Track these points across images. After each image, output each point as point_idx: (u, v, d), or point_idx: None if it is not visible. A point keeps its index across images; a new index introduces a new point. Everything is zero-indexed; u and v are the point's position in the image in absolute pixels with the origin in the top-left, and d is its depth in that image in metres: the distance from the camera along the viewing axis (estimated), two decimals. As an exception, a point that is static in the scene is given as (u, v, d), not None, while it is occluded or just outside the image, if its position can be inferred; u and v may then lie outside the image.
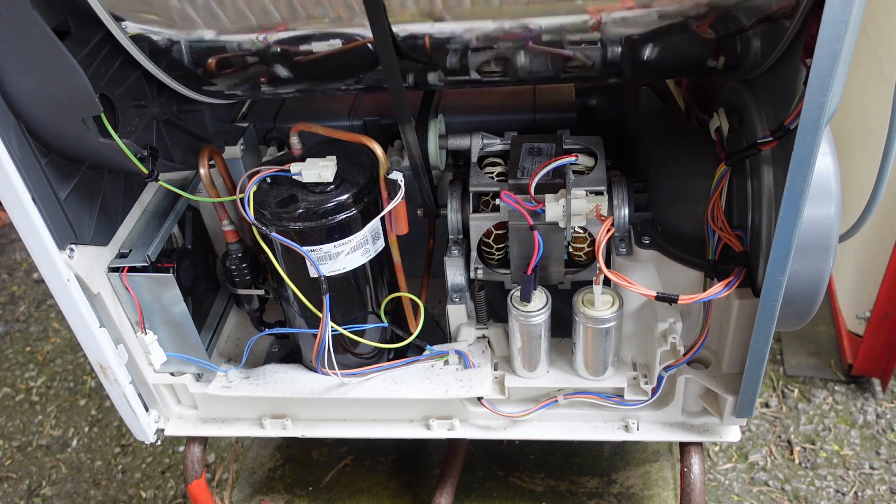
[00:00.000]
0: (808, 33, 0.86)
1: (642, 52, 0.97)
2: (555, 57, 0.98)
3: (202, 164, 1.18)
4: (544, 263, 1.20)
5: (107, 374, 1.21)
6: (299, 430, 1.33)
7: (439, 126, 1.29)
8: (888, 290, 1.62)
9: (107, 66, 1.01)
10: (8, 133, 0.95)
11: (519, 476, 1.64)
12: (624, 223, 1.16)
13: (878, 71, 1.60)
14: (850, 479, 1.64)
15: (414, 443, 1.69)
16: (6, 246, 2.63)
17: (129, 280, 1.17)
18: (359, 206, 1.12)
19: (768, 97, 1.01)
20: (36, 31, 0.89)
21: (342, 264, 1.15)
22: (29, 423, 1.98)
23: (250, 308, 1.36)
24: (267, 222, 1.11)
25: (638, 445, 1.67)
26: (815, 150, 0.84)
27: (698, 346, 1.15)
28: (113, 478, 1.82)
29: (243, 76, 1.06)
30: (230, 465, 1.76)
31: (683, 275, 1.13)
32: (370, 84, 1.09)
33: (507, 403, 1.27)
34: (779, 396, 1.82)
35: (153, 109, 1.12)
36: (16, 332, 2.28)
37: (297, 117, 1.42)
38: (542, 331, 1.17)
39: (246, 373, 1.30)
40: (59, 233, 1.04)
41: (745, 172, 1.06)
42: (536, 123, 1.37)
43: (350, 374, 1.25)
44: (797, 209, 0.89)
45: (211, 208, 1.34)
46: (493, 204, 1.19)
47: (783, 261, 0.94)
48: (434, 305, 1.47)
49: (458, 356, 1.25)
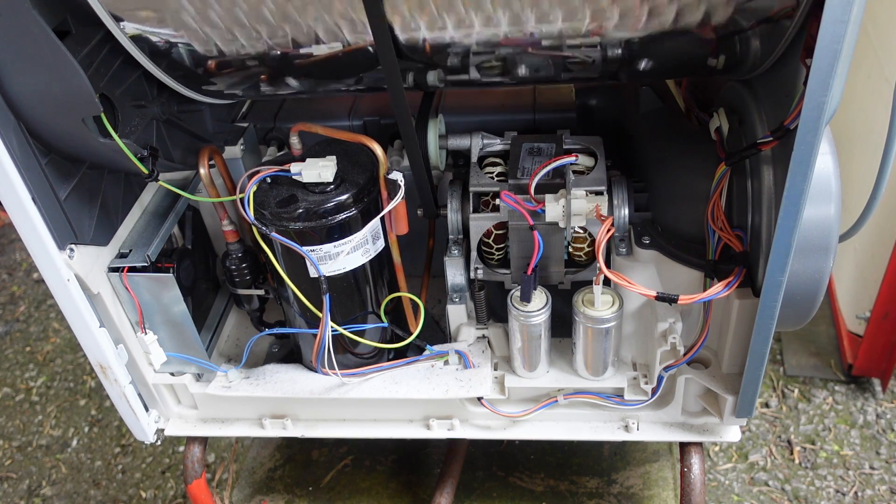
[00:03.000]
0: (808, 33, 0.86)
1: (643, 54, 0.97)
2: (555, 59, 0.98)
3: (202, 164, 1.18)
4: (544, 263, 1.20)
5: (107, 374, 1.21)
6: (299, 430, 1.33)
7: (439, 126, 1.29)
8: (888, 290, 1.62)
9: (107, 66, 1.01)
10: (8, 133, 0.95)
11: (519, 476, 1.64)
12: (624, 223, 1.16)
13: (878, 71, 1.60)
14: (850, 479, 1.64)
15: (414, 443, 1.69)
16: (6, 246, 2.63)
17: (129, 280, 1.17)
18: (359, 206, 1.12)
19: (768, 97, 1.01)
20: (36, 31, 0.89)
21: (342, 264, 1.15)
22: (29, 423, 1.98)
23: (250, 308, 1.36)
24: (267, 222, 1.11)
25: (638, 445, 1.67)
26: (815, 150, 0.84)
27: (698, 346, 1.15)
28: (113, 478, 1.81)
29: (243, 76, 1.06)
30: (230, 465, 1.76)
31: (683, 275, 1.13)
32: (370, 85, 1.09)
33: (507, 403, 1.27)
34: (779, 396, 1.82)
35: (153, 109, 1.12)
36: (16, 332, 2.28)
37: (297, 117, 1.42)
38: (542, 331, 1.17)
39: (246, 373, 1.30)
40: (59, 233, 1.04)
41: (745, 172, 1.06)
42: (536, 123, 1.37)
43: (350, 374, 1.25)
44: (797, 209, 0.89)
45: (211, 208, 1.34)
46: (493, 204, 1.19)
47: (783, 261, 0.94)
48: (434, 305, 1.47)
49: (458, 356, 1.25)
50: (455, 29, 0.92)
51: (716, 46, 0.95)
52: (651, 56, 0.96)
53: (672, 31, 0.91)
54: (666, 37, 0.92)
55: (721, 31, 0.92)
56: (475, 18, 0.90)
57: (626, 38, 0.93)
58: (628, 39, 0.93)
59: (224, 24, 0.93)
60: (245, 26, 0.93)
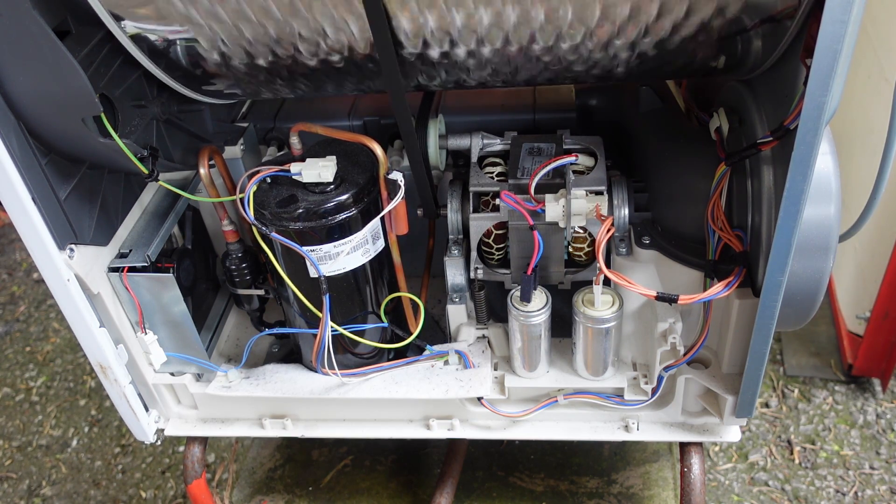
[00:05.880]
0: (808, 33, 0.86)
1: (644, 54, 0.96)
2: (556, 60, 0.98)
3: (202, 164, 1.18)
4: (544, 263, 1.20)
5: (107, 374, 1.21)
6: (299, 430, 1.33)
7: (439, 126, 1.29)
8: (888, 290, 1.62)
9: (107, 66, 1.01)
10: (8, 133, 0.95)
11: (519, 476, 1.64)
12: (624, 223, 1.16)
13: (878, 71, 1.60)
14: (850, 479, 1.64)
15: (414, 443, 1.69)
16: (6, 246, 2.63)
17: (129, 280, 1.17)
18: (359, 206, 1.12)
19: (768, 97, 1.01)
20: (36, 31, 0.89)
21: (342, 264, 1.15)
22: (29, 423, 1.98)
23: (250, 308, 1.36)
24: (267, 222, 1.11)
25: (638, 445, 1.67)
26: (815, 150, 0.84)
27: (698, 346, 1.15)
28: (113, 478, 1.81)
29: (243, 77, 1.06)
30: (230, 465, 1.76)
31: (683, 275, 1.13)
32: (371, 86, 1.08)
33: (507, 403, 1.27)
34: (779, 396, 1.82)
35: (153, 109, 1.12)
36: (16, 332, 2.28)
37: (297, 117, 1.42)
38: (542, 331, 1.17)
39: (246, 373, 1.30)
40: (59, 233, 1.04)
41: (745, 172, 1.06)
42: (536, 123, 1.37)
43: (350, 374, 1.25)
44: (797, 209, 0.89)
45: (211, 208, 1.34)
46: (493, 204, 1.19)
47: (783, 261, 0.94)
48: (434, 305, 1.47)
49: (458, 356, 1.25)
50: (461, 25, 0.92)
51: (716, 46, 0.95)
52: (654, 56, 0.96)
53: (675, 30, 0.91)
54: (669, 37, 0.92)
55: (722, 32, 0.92)
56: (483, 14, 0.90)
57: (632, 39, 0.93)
58: (633, 40, 0.93)
59: (230, 20, 0.93)
60: (251, 21, 0.93)
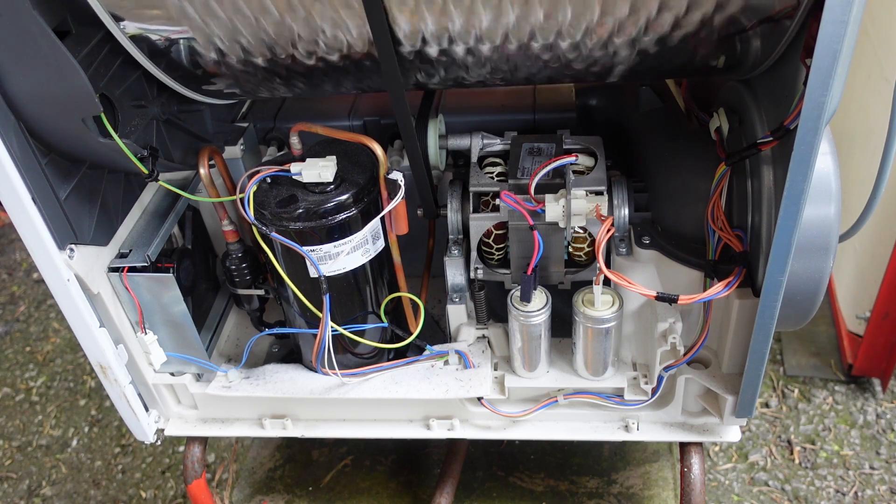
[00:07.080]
0: (808, 33, 0.86)
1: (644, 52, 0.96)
2: (555, 58, 0.98)
3: (202, 164, 1.18)
4: (544, 263, 1.20)
5: (107, 374, 1.21)
6: (299, 430, 1.33)
7: (439, 126, 1.29)
8: (888, 290, 1.62)
9: (107, 66, 1.01)
10: (8, 133, 0.95)
11: (519, 476, 1.64)
12: (624, 223, 1.16)
13: (878, 71, 1.60)
14: (850, 479, 1.64)
15: (414, 443, 1.69)
16: (6, 246, 2.63)
17: (129, 280, 1.17)
18: (359, 206, 1.12)
19: (768, 97, 1.01)
20: (36, 31, 0.89)
21: (342, 264, 1.15)
22: (29, 423, 1.98)
23: (250, 308, 1.36)
24: (267, 222, 1.11)
25: (638, 445, 1.67)
26: (815, 150, 0.84)
27: (698, 346, 1.15)
28: (113, 478, 1.81)
29: (241, 75, 1.06)
30: (230, 465, 1.76)
31: (683, 275, 1.13)
32: (370, 85, 1.08)
33: (507, 403, 1.27)
34: (779, 396, 1.82)
35: (153, 109, 1.12)
36: (16, 332, 2.28)
37: (297, 117, 1.42)
38: (542, 331, 1.17)
39: (246, 373, 1.30)
40: (59, 233, 1.04)
41: (745, 172, 1.06)
42: (536, 123, 1.37)
43: (350, 374, 1.25)
44: (797, 209, 0.89)
45: (211, 208, 1.34)
46: (493, 204, 1.19)
47: (783, 261, 0.94)
48: (434, 305, 1.47)
49: (458, 356, 1.25)
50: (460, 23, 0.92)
51: (717, 45, 0.95)
52: (654, 54, 0.96)
53: (675, 27, 0.91)
54: (670, 34, 0.92)
55: (722, 31, 0.92)
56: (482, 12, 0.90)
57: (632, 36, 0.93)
58: (633, 38, 0.93)
59: (227, 17, 0.93)
60: (248, 18, 0.93)
